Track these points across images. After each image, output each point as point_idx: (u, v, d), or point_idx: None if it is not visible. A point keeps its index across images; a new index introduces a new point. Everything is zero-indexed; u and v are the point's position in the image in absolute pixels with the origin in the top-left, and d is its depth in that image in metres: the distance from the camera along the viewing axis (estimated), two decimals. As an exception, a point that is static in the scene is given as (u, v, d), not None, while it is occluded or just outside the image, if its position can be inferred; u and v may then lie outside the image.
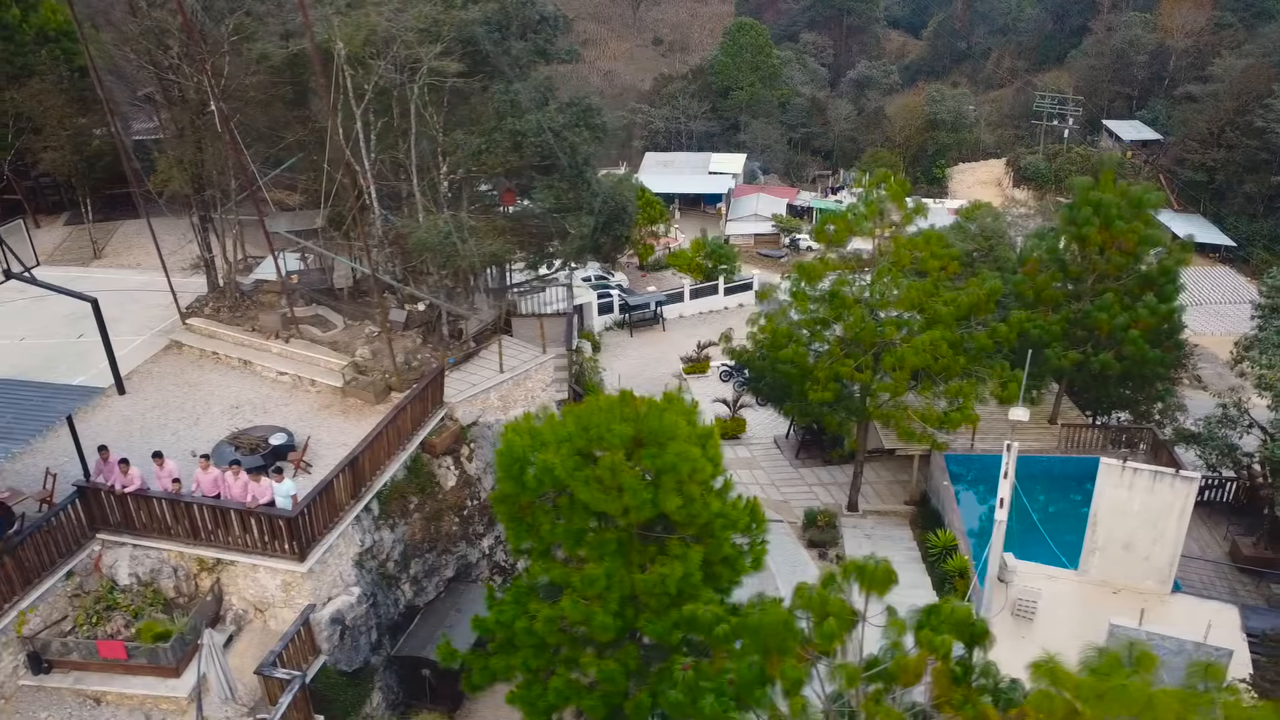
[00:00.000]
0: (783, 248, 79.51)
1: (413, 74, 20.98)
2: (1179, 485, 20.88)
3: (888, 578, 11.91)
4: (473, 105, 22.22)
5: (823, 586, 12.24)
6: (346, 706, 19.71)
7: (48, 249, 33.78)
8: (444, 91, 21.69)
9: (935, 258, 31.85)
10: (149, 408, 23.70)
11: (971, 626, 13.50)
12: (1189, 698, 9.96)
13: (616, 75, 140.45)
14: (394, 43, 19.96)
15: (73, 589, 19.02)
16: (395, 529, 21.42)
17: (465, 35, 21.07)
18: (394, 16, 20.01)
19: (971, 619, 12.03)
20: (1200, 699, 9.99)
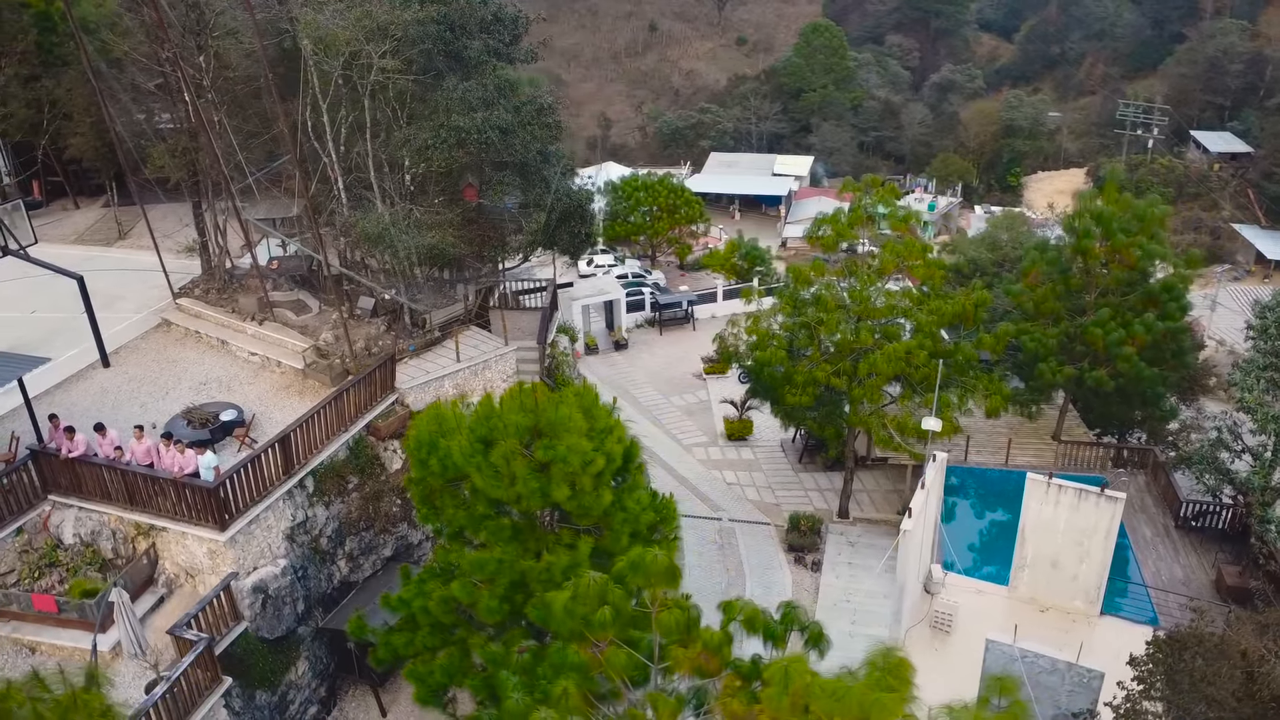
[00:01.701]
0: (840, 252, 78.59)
1: (364, 72, 21.87)
2: (1104, 504, 20.37)
3: (668, 572, 12.16)
4: (427, 103, 23.02)
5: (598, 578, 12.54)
6: (266, 672, 20.74)
7: (80, 229, 36.08)
8: (394, 89, 22.53)
9: (924, 265, 31.57)
10: (126, 380, 25.23)
11: (768, 624, 13.70)
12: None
13: (697, 75, 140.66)
14: (339, 41, 20.87)
15: (21, 545, 20.49)
16: (330, 506, 22.38)
17: (414, 35, 21.89)
18: (342, 15, 20.93)
19: (762, 617, 12.21)
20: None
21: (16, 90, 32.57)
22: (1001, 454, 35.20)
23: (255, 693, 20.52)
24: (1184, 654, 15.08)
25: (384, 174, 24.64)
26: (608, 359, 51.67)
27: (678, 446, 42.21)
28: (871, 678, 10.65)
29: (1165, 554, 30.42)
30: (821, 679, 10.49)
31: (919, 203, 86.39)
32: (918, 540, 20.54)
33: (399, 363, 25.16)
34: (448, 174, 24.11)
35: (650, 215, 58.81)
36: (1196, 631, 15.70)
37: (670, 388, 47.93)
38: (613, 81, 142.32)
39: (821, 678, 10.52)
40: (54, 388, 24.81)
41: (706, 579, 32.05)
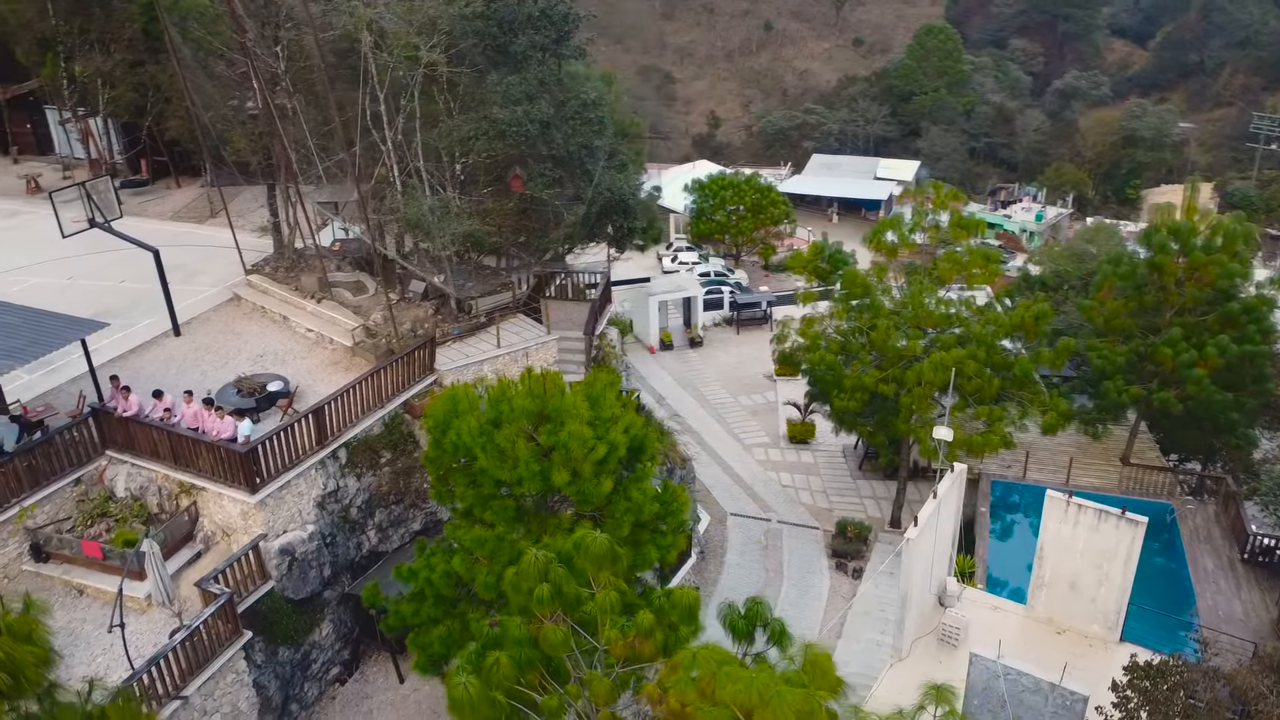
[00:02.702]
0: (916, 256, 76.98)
1: (414, 65, 22.80)
2: (1124, 527, 19.65)
3: (608, 555, 12.50)
4: (474, 95, 23.82)
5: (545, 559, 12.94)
6: (290, 630, 21.90)
7: (177, 207, 38.40)
8: (445, 82, 23.40)
9: (984, 274, 30.89)
10: (192, 349, 26.89)
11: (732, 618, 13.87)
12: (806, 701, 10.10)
13: (810, 75, 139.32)
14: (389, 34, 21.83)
15: (79, 494, 22.17)
16: (361, 478, 23.42)
17: (462, 29, 22.71)
18: (392, 8, 21.88)
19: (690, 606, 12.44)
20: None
21: (124, 74, 34.91)
22: (1063, 473, 34.14)
23: (278, 649, 21.68)
24: (1165, 682, 14.53)
25: (439, 163, 25.55)
26: (681, 355, 51.94)
27: (738, 446, 42.23)
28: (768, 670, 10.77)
29: (1226, 588, 29.06)
30: (730, 668, 10.66)
31: (1026, 212, 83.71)
32: (925, 550, 20.23)
33: (441, 345, 26.08)
34: (495, 165, 24.85)
35: (735, 214, 58.76)
36: (1181, 662, 15.08)
37: (739, 387, 47.92)
38: (725, 80, 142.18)
39: (731, 667, 10.69)
40: (128, 353, 26.63)
41: (744, 577, 32.13)
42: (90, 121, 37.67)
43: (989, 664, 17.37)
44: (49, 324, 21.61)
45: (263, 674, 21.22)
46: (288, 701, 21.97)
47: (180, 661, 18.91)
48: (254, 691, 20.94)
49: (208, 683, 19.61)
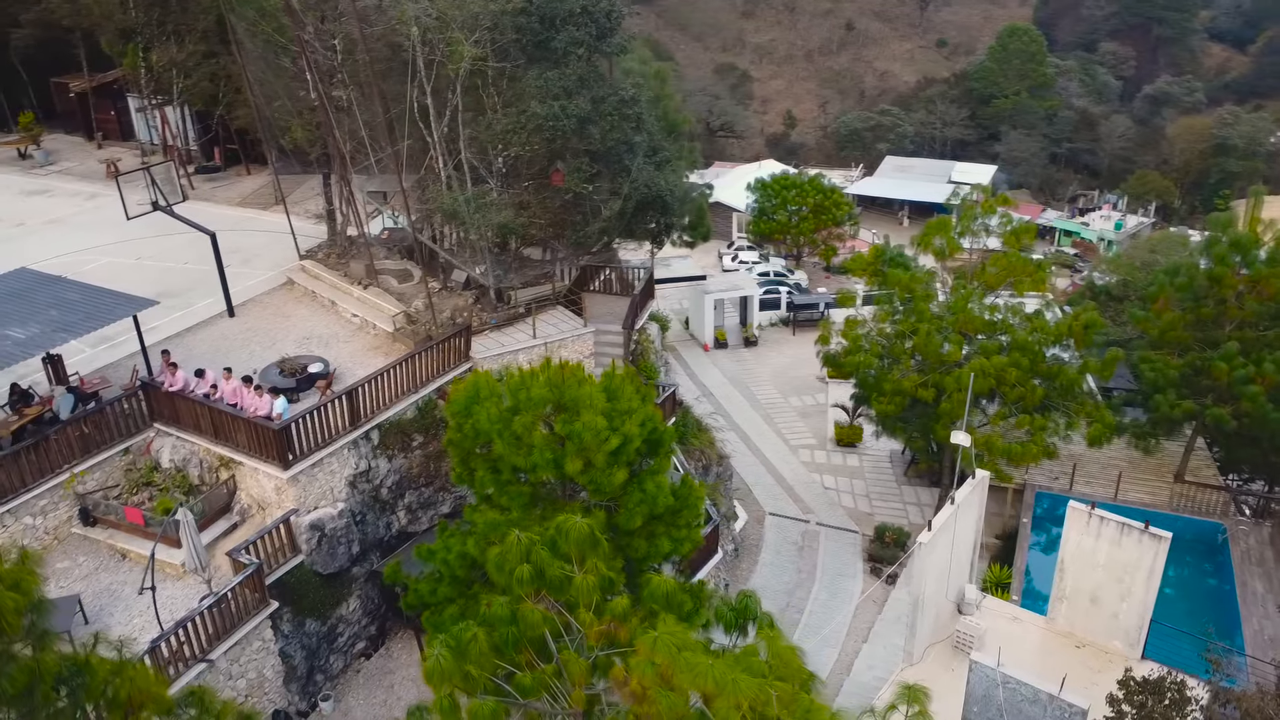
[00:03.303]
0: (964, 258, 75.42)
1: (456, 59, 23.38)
2: (1147, 542, 19.19)
3: (589, 539, 12.78)
4: (514, 90, 24.31)
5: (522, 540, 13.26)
6: (317, 603, 22.70)
7: (245, 193, 39.81)
8: (486, 76, 23.93)
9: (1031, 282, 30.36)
10: (243, 330, 27.96)
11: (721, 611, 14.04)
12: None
13: (891, 76, 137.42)
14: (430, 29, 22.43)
15: (127, 464, 23.30)
16: (393, 460, 24.12)
17: (503, 24, 23.21)
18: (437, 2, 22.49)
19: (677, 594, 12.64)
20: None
21: (197, 65, 36.35)
22: (1112, 487, 33.31)
23: (305, 620, 22.49)
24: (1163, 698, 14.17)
25: (483, 156, 26.13)
26: (735, 354, 51.92)
27: (784, 447, 42.12)
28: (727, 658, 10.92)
29: (1273, 612, 28.09)
30: (689, 654, 10.85)
31: (1105, 220, 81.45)
32: (940, 556, 20.03)
33: (479, 334, 26.66)
34: (537, 158, 25.30)
35: (797, 215, 58.43)
36: (1180, 679, 14.66)
37: (791, 388, 47.73)
38: (803, 79, 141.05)
39: (690, 654, 10.87)
40: (184, 331, 27.81)
41: (775, 577, 32.12)
42: (166, 109, 39.29)
43: (989, 671, 17.17)
44: (104, 300, 22.76)
45: (289, 644, 22.04)
46: (313, 672, 22.76)
47: (208, 626, 19.80)
48: (279, 660, 21.78)
49: (234, 648, 20.48)
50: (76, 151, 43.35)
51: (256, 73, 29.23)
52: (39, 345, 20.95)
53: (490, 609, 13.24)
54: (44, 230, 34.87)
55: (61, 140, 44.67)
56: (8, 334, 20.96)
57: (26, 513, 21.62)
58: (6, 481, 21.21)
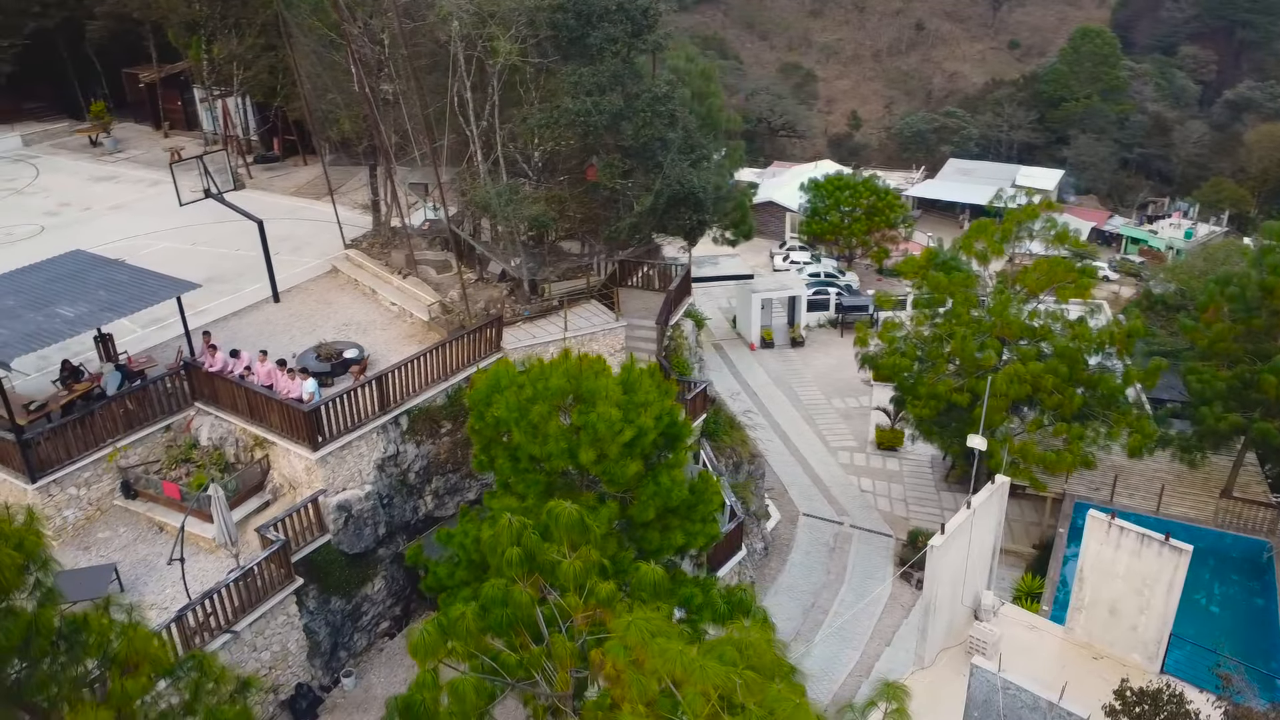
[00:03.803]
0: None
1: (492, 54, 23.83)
2: (1167, 554, 18.77)
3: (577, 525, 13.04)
4: (549, 85, 24.68)
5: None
6: (343, 582, 23.35)
7: (300, 183, 40.88)
8: (524, 71, 24.35)
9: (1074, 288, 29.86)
10: (286, 315, 28.82)
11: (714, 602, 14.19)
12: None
13: (960, 77, 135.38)
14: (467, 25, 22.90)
15: (168, 440, 24.22)
16: (421, 446, 24.67)
17: (540, 20, 23.59)
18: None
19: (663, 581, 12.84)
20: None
21: (256, 57, 37.48)
22: (1153, 500, 32.56)
23: (330, 598, 23.15)
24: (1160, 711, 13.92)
25: (521, 150, 26.58)
26: (781, 354, 51.80)
27: (823, 448, 41.95)
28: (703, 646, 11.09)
29: (1315, 634, 27.22)
30: (661, 640, 11.04)
31: (1174, 228, 79.26)
32: (954, 560, 19.86)
33: (511, 326, 27.10)
34: (573, 153, 25.65)
35: (849, 216, 57.98)
36: (1179, 692, 14.35)
37: (835, 389, 47.47)
38: (869, 80, 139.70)
39: (662, 639, 11.07)
40: (231, 315, 28.77)
41: (803, 577, 32.06)
42: (227, 100, 40.55)
43: (989, 676, 17.02)
44: (150, 282, 23.68)
45: (314, 620, 22.72)
46: (336, 648, 23.42)
47: (233, 598, 20.53)
48: (304, 635, 22.47)
49: (259, 621, 21.20)
50: (144, 140, 44.95)
51: (307, 66, 30.05)
52: (85, 323, 21.88)
53: (484, 590, 13.59)
54: (108, 215, 36.30)
55: (131, 129, 46.37)
56: (58, 312, 21.95)
57: (71, 483, 22.61)
58: (54, 453, 22.20)
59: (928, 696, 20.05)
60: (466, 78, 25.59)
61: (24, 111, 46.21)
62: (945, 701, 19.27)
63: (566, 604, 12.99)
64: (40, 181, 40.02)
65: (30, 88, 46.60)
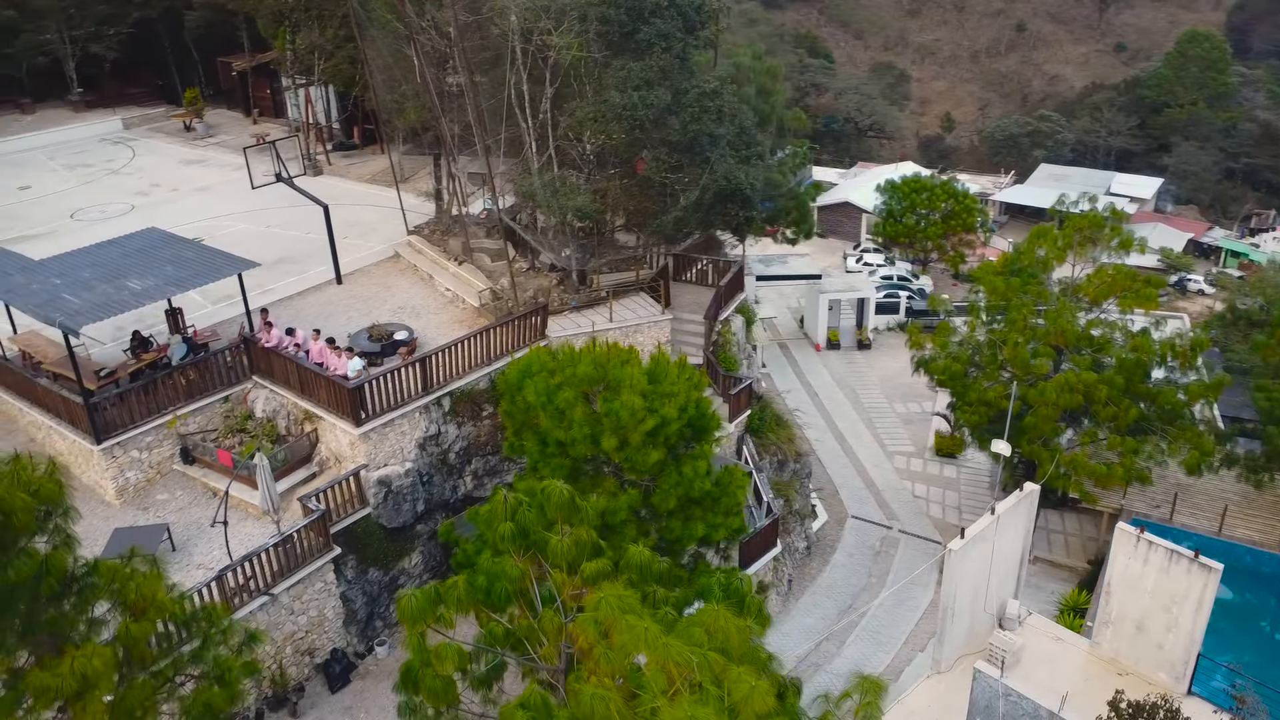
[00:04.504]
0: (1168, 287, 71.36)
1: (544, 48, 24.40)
2: (1196, 572, 18.21)
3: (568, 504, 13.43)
4: (600, 80, 25.11)
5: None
6: (380, 554, 24.24)
7: (375, 171, 42.22)
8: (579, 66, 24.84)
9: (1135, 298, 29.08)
10: (346, 297, 29.94)
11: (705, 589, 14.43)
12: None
13: (1061, 80, 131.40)
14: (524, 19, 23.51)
15: (226, 410, 25.47)
16: (462, 427, 25.40)
17: (592, 15, 24.04)
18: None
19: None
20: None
21: (336, 48, 38.83)
22: (1216, 521, 31.44)
23: (368, 569, 24.06)
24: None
25: (575, 143, 27.11)
26: (847, 356, 51.35)
27: (880, 452, 41.52)
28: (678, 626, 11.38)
29: (1377, 669, 25.94)
30: (631, 616, 11.36)
31: (1278, 242, 75.70)
32: (974, 566, 19.62)
33: (558, 315, 27.67)
34: (622, 147, 26.05)
35: (925, 219, 57.08)
36: (1173, 706, 13.97)
37: (898, 393, 46.86)
38: (966, 81, 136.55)
39: (632, 616, 11.39)
40: (296, 295, 30.04)
41: (844, 578, 31.89)
42: (311, 89, 42.13)
43: (991, 682, 16.83)
44: (214, 259, 24.94)
45: (351, 589, 23.66)
46: (372, 617, 24.33)
47: (273, 563, 21.55)
48: (340, 602, 23.42)
49: (296, 586, 22.21)
50: (234, 126, 46.98)
51: (377, 57, 31.10)
52: (150, 296, 23.17)
53: (479, 562, 14.12)
54: (193, 196, 38.14)
55: (223, 115, 48.52)
56: (126, 284, 23.31)
57: (134, 446, 23.98)
58: (119, 417, 23.60)
59: (940, 701, 19.92)
60: (523, 71, 26.22)
61: (126, 96, 48.76)
62: (956, 707, 19.10)
63: (554, 580, 13.40)
64: (135, 162, 42.24)
65: (133, 74, 49.19)
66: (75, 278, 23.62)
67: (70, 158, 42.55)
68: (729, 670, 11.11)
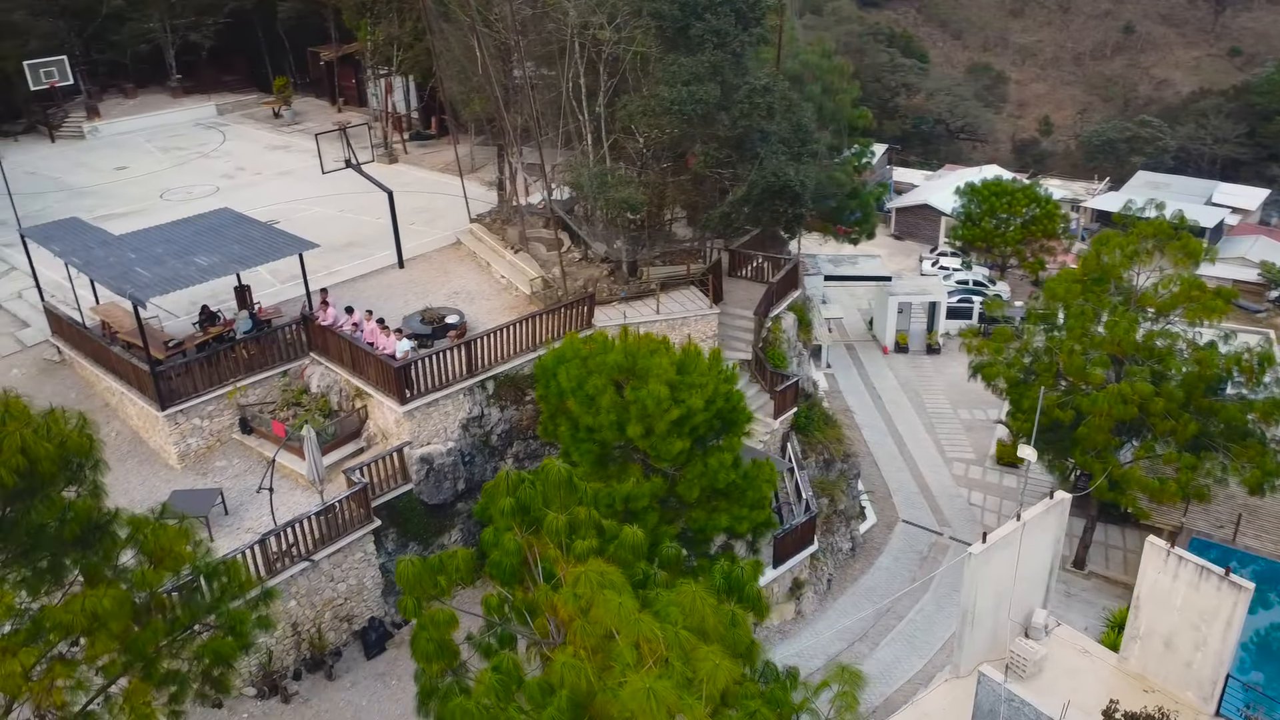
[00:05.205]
0: (1265, 302, 68.47)
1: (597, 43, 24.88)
2: (1226, 590, 17.67)
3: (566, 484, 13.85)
4: (652, 74, 25.48)
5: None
6: (421, 529, 25.10)
7: (448, 160, 43.31)
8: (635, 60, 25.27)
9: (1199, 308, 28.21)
10: (406, 281, 30.95)
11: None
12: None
13: (1168, 85, 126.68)
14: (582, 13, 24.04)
15: (284, 384, 26.64)
16: (505, 410, 26.09)
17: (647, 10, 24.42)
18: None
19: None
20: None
21: (413, 40, 40.05)
22: None
23: (409, 543, 24.93)
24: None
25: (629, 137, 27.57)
26: (914, 360, 50.65)
27: (939, 458, 40.94)
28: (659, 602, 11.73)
29: None
30: (609, 592, 11.73)
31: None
32: (995, 571, 19.36)
33: (606, 305, 28.13)
34: (673, 141, 26.38)
35: (1005, 224, 55.83)
36: (1169, 715, 13.62)
37: (963, 399, 46.04)
38: (1068, 85, 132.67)
39: (610, 591, 11.75)
40: (359, 277, 31.18)
41: (886, 581, 31.65)
42: (390, 79, 43.48)
43: (995, 686, 16.65)
44: (278, 239, 26.13)
45: (390, 561, 24.52)
46: (410, 589, 25.16)
47: (314, 530, 22.54)
48: (379, 573, 24.33)
49: (336, 554, 23.17)
50: (320, 113, 48.72)
51: (446, 50, 32.03)
52: (215, 272, 24.42)
53: (482, 535, 14.67)
54: (274, 180, 39.79)
55: (310, 103, 50.39)
56: (194, 260, 24.61)
57: (196, 414, 25.30)
58: (183, 386, 24.92)
59: (956, 704, 19.74)
60: (580, 65, 26.76)
61: (221, 83, 51.04)
62: (968, 711, 18.91)
63: (546, 555, 13.85)
64: (224, 147, 44.24)
65: (228, 62, 51.50)
66: (149, 253, 25.02)
67: (166, 140, 44.79)
68: (699, 649, 11.39)
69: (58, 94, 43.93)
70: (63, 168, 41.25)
